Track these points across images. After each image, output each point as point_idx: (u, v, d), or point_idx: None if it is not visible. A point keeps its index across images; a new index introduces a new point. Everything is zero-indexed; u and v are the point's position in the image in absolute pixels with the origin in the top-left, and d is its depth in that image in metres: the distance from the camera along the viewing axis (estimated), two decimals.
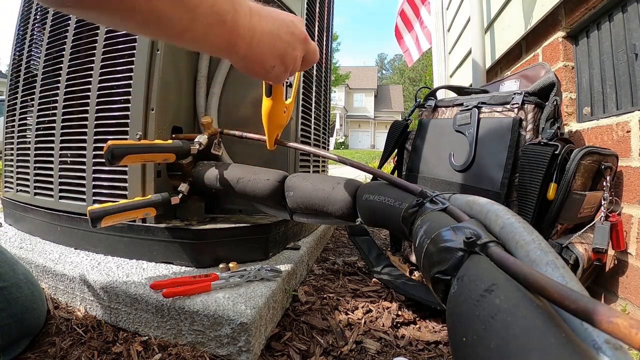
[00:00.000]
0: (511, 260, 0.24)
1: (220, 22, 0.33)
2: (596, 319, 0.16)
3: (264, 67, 0.41)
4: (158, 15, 0.29)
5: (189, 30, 0.32)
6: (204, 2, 0.31)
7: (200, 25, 0.32)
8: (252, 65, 0.40)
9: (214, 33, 0.33)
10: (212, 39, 0.34)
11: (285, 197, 0.69)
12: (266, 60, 0.40)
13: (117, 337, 0.61)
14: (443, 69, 2.75)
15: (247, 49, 0.37)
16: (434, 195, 0.42)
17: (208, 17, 0.32)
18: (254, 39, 0.37)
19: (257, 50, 0.38)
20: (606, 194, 0.77)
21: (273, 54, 0.40)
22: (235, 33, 0.35)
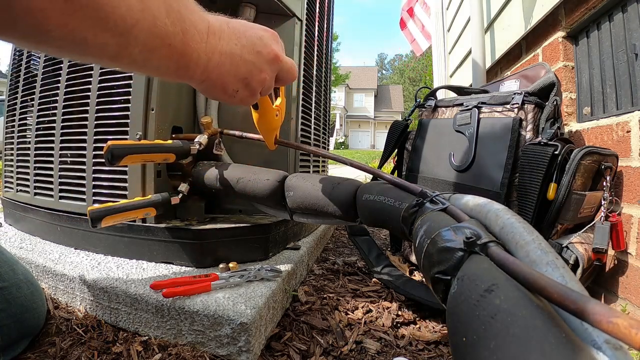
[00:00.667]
0: (511, 260, 0.24)
1: (164, 46, 0.29)
2: (596, 319, 0.16)
3: (226, 92, 0.38)
4: (78, 39, 0.25)
5: (122, 56, 0.28)
6: (137, 25, 0.27)
7: (137, 50, 0.28)
8: (212, 90, 0.37)
9: (157, 57, 0.30)
10: (156, 64, 0.31)
11: (285, 197, 0.69)
12: (228, 85, 0.37)
13: (117, 337, 0.61)
14: (443, 69, 2.75)
15: (203, 73, 0.34)
16: (434, 195, 0.42)
17: (145, 41, 0.28)
18: (210, 62, 0.34)
19: (215, 74, 0.35)
20: (606, 194, 0.77)
21: (235, 77, 0.37)
22: (186, 57, 0.32)
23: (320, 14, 1.16)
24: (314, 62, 1.09)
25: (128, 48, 0.27)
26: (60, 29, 0.24)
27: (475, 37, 1.57)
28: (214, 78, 0.35)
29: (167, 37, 0.29)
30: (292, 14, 0.94)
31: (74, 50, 0.26)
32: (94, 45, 0.26)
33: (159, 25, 0.28)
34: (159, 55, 0.30)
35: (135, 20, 0.26)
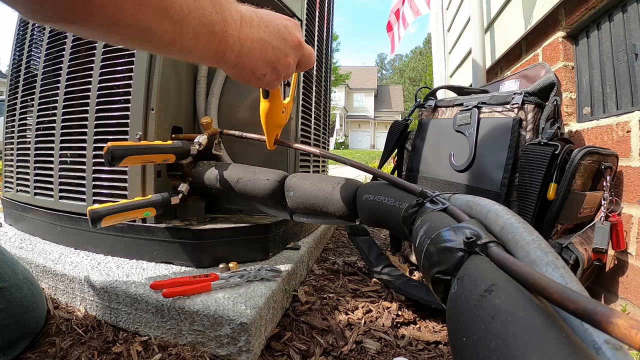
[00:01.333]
0: (511, 261, 0.24)
1: (209, 33, 0.33)
2: (596, 319, 0.16)
3: (255, 75, 0.41)
4: (143, 28, 0.28)
5: (176, 42, 0.31)
6: (191, 14, 0.30)
7: (188, 37, 0.31)
8: (242, 74, 0.40)
9: (202, 44, 0.33)
10: (200, 50, 0.34)
11: (285, 197, 0.69)
12: (257, 69, 0.40)
13: (117, 337, 0.61)
14: (443, 69, 2.75)
15: (236, 58, 0.37)
16: (434, 196, 0.42)
17: (196, 28, 0.31)
18: (243, 48, 0.37)
19: (247, 59, 0.38)
20: (606, 194, 0.77)
21: (264, 61, 0.40)
22: (224, 43, 0.35)
23: (320, 14, 1.16)
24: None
25: (181, 35, 0.31)
26: (129, 18, 0.27)
27: (475, 37, 1.57)
28: (245, 62, 0.39)
29: (211, 25, 0.32)
30: (292, 14, 0.94)
31: (138, 38, 0.29)
32: (156, 32, 0.29)
33: (206, 15, 0.31)
34: (204, 42, 0.33)
35: (189, 9, 0.30)
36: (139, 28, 0.28)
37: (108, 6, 0.25)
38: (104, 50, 0.79)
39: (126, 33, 0.28)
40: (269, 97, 0.57)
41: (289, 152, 0.94)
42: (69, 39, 0.84)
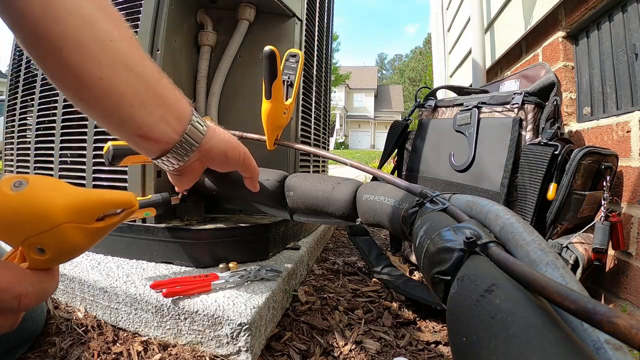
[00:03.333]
0: (511, 261, 0.24)
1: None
2: (596, 319, 0.16)
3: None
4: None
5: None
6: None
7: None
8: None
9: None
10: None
11: (285, 197, 0.69)
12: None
13: (117, 337, 0.61)
14: (443, 69, 2.75)
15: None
16: (434, 196, 0.42)
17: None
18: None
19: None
20: (606, 194, 0.77)
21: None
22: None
23: (320, 14, 1.16)
24: (314, 62, 1.09)
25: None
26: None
27: (475, 37, 1.57)
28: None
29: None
30: (292, 14, 0.94)
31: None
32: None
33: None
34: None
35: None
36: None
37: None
38: None
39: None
40: (271, 98, 0.56)
41: (289, 152, 0.94)
42: None
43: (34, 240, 0.23)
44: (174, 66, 0.82)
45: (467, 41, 1.91)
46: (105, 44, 0.30)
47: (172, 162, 0.39)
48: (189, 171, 0.42)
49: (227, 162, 0.44)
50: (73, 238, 0.24)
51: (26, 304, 0.23)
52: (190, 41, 0.91)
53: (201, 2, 0.92)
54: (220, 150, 0.42)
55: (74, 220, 0.24)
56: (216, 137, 0.42)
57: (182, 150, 0.38)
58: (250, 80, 0.94)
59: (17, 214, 0.22)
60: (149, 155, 0.38)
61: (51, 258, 0.24)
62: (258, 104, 0.64)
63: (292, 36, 0.94)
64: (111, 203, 0.26)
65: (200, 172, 0.44)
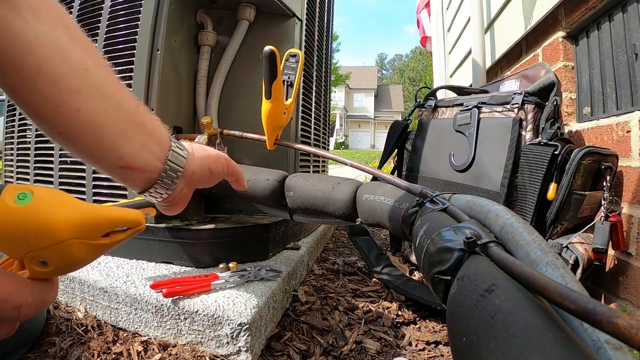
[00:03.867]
0: (511, 261, 0.24)
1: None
2: (596, 319, 0.16)
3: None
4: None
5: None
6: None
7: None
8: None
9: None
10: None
11: (285, 197, 0.69)
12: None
13: (117, 337, 0.61)
14: (443, 69, 2.75)
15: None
16: (434, 196, 0.42)
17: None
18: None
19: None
20: (606, 194, 0.77)
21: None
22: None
23: (320, 14, 1.16)
24: (314, 62, 1.09)
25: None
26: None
27: (475, 37, 1.57)
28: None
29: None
30: (292, 14, 0.94)
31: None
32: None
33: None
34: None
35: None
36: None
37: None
38: (104, 50, 0.79)
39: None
40: (271, 98, 0.57)
41: (289, 152, 0.94)
42: None
43: (37, 253, 0.23)
44: (174, 66, 0.82)
45: (467, 41, 1.91)
46: (80, 73, 0.29)
47: (160, 192, 0.38)
48: (178, 200, 0.41)
49: (212, 176, 0.43)
50: (77, 253, 0.24)
51: (25, 314, 0.23)
52: (190, 41, 0.91)
53: (201, 2, 0.92)
54: (203, 169, 0.41)
55: (80, 236, 0.24)
56: (197, 157, 0.40)
57: (168, 179, 0.37)
58: (250, 80, 0.94)
59: (21, 228, 0.22)
60: (135, 187, 0.37)
61: (53, 270, 0.24)
62: (258, 104, 0.64)
63: (292, 36, 0.94)
64: (119, 221, 0.26)
65: (189, 198, 0.43)
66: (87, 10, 0.82)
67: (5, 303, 0.22)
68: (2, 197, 0.21)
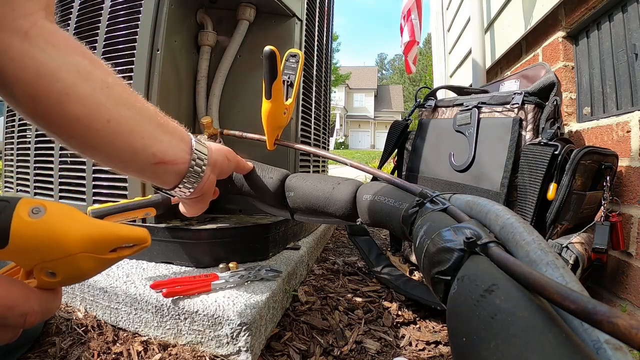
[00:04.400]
0: (511, 261, 0.24)
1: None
2: (596, 319, 0.16)
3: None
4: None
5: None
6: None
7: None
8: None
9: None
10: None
11: (286, 196, 0.69)
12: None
13: (117, 337, 0.61)
14: (443, 69, 2.75)
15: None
16: (434, 196, 0.42)
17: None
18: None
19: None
20: (606, 194, 0.77)
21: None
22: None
23: (320, 14, 1.16)
24: (314, 62, 1.09)
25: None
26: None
27: (475, 37, 1.57)
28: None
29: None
30: (292, 14, 0.94)
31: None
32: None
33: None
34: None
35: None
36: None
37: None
38: (104, 51, 0.79)
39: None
40: (272, 98, 0.57)
41: (289, 152, 0.94)
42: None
43: (46, 265, 0.24)
44: (174, 66, 0.82)
45: (467, 41, 1.91)
46: (104, 90, 0.32)
47: (192, 181, 0.42)
48: (207, 189, 0.44)
49: (230, 164, 0.48)
50: (85, 266, 0.25)
51: (31, 322, 0.24)
52: (190, 41, 0.91)
53: (201, 2, 0.92)
54: (222, 158, 0.46)
55: (89, 250, 0.25)
56: (214, 148, 0.45)
57: (197, 167, 0.41)
58: (251, 80, 0.94)
59: (34, 241, 0.23)
60: (167, 183, 0.41)
61: (60, 281, 0.25)
62: (258, 104, 0.64)
63: (292, 36, 0.94)
64: (126, 238, 0.27)
65: (213, 190, 0.47)
66: (87, 10, 0.82)
67: (12, 310, 0.23)
68: (17, 210, 0.22)
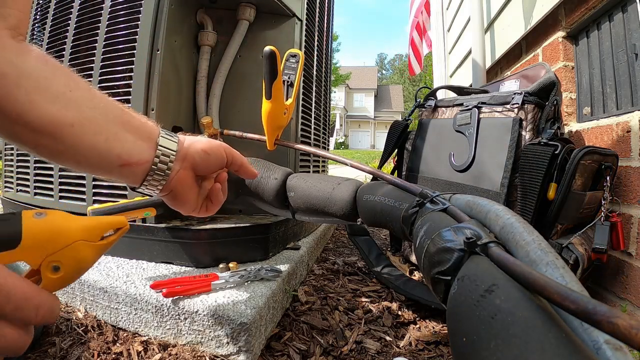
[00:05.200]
0: (511, 261, 0.24)
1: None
2: (596, 319, 0.16)
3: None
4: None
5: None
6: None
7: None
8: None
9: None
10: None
11: (287, 196, 0.69)
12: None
13: (117, 337, 0.61)
14: (443, 69, 2.75)
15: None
16: (434, 196, 0.42)
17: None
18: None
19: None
20: (606, 194, 0.77)
21: None
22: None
23: (320, 14, 1.16)
24: (314, 62, 1.09)
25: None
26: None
27: (475, 37, 1.57)
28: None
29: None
30: (292, 14, 0.94)
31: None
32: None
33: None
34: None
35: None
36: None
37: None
38: (104, 51, 0.79)
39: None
40: (272, 98, 0.57)
41: (289, 152, 0.94)
42: (69, 38, 0.84)
43: (52, 257, 0.28)
44: (174, 66, 0.82)
45: (467, 41, 1.91)
46: (67, 95, 0.33)
47: (158, 179, 0.40)
48: (179, 184, 0.42)
49: (210, 158, 0.44)
50: (84, 254, 0.30)
51: (42, 316, 0.26)
52: (190, 41, 0.91)
53: (201, 2, 0.92)
54: (197, 150, 0.43)
55: (85, 238, 0.30)
56: (189, 141, 0.43)
57: (162, 165, 0.39)
58: (251, 80, 0.95)
59: (40, 236, 0.28)
60: (134, 182, 0.40)
61: (64, 276, 0.29)
62: (258, 104, 0.64)
63: (292, 36, 0.94)
64: (110, 224, 0.33)
65: (191, 184, 0.44)
66: (87, 10, 0.82)
67: (27, 301, 0.25)
68: (23, 216, 0.28)
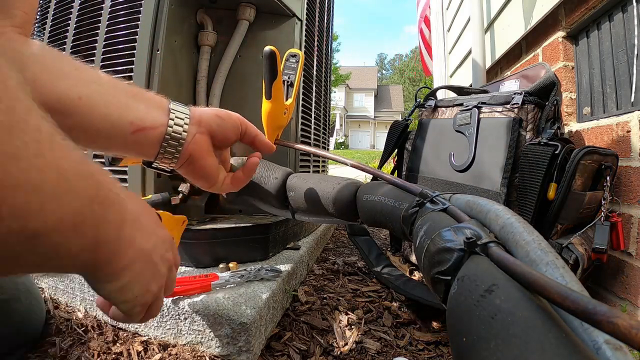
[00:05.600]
0: (511, 261, 0.24)
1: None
2: (596, 319, 0.16)
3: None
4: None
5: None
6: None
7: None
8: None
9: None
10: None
11: (287, 196, 0.69)
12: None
13: (117, 337, 0.61)
14: (443, 69, 2.75)
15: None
16: (434, 196, 0.42)
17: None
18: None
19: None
20: (606, 194, 0.77)
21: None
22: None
23: (320, 14, 1.16)
24: (314, 62, 1.09)
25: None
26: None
27: (475, 37, 1.57)
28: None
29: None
30: (292, 14, 0.94)
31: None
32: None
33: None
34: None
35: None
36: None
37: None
38: (104, 51, 0.79)
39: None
40: (272, 98, 0.57)
41: (289, 152, 0.94)
42: (69, 39, 0.84)
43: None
44: (174, 66, 0.82)
45: (467, 41, 1.91)
46: (73, 73, 0.33)
47: (174, 145, 0.38)
48: (196, 151, 0.40)
49: (225, 124, 0.42)
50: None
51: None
52: (190, 41, 0.91)
53: (201, 2, 0.92)
54: (211, 115, 0.41)
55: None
56: (200, 108, 0.42)
57: (177, 126, 0.38)
58: (251, 80, 0.94)
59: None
60: (149, 154, 0.39)
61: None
62: (258, 104, 0.64)
63: (292, 36, 0.94)
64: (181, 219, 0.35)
65: (209, 150, 0.41)
66: (87, 10, 0.82)
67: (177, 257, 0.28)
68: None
